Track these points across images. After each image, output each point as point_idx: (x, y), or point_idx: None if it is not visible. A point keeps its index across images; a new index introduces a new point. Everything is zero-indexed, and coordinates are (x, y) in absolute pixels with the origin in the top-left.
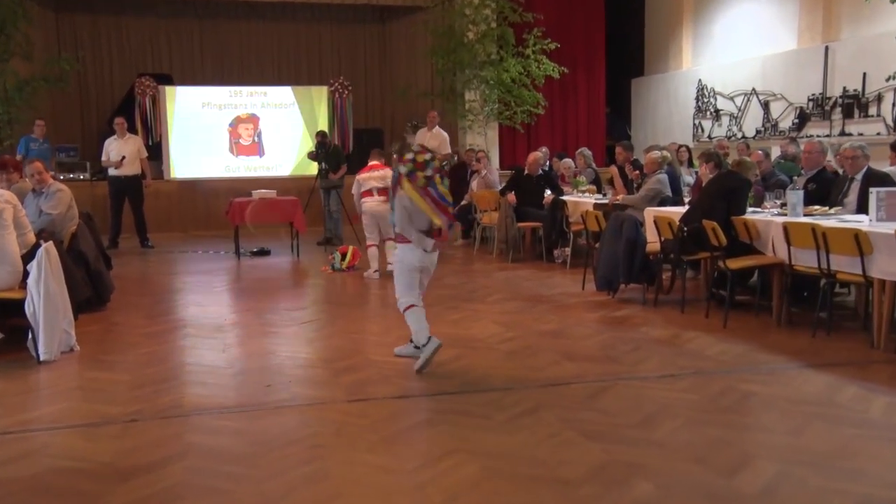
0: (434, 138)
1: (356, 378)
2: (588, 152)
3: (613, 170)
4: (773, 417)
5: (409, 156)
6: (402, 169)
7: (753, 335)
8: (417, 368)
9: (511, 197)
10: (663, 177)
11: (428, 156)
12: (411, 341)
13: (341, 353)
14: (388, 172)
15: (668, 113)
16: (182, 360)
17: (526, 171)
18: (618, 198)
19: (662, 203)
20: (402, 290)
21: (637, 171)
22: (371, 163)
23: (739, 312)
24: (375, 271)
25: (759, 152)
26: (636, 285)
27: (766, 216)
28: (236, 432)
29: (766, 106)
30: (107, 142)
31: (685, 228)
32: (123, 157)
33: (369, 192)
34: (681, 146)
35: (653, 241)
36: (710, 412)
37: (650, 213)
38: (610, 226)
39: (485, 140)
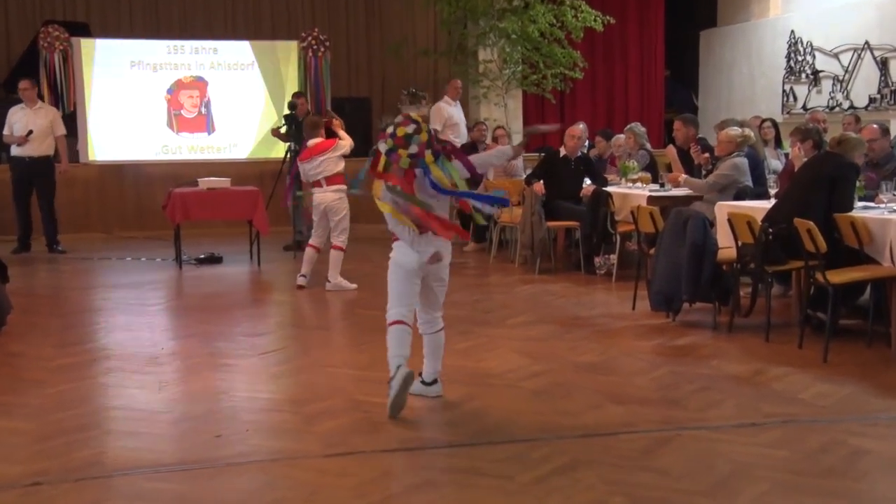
0: (460, 115)
1: (335, 425)
2: (640, 129)
3: (670, 151)
4: (894, 484)
5: (390, 129)
6: (382, 146)
7: (865, 372)
8: (389, 410)
9: (539, 186)
10: (741, 161)
11: (411, 127)
12: (420, 376)
13: (316, 392)
14: (341, 145)
15: (748, 76)
16: (104, 403)
17: (562, 153)
18: (679, 178)
19: (740, 195)
20: (391, 300)
21: (706, 154)
22: (310, 143)
23: (845, 341)
24: (303, 276)
25: (874, 126)
26: (704, 304)
27: (881, 213)
28: (177, 498)
29: (883, 64)
30: (11, 111)
31: (770, 229)
32: (30, 132)
33: (318, 183)
34: (764, 121)
35: (727, 245)
36: (807, 475)
37: (723, 208)
38: (669, 225)
39: (504, 113)
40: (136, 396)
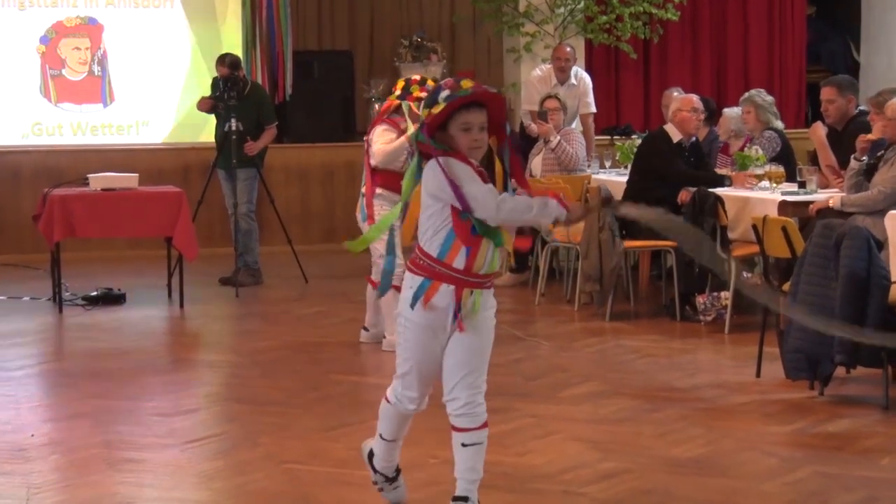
0: (569, 92)
1: None
2: (765, 98)
3: (817, 133)
4: None
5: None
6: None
7: None
8: None
9: (685, 194)
10: None
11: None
12: None
13: (269, 500)
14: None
15: None
16: None
17: (674, 136)
18: (828, 201)
19: None
20: (399, 363)
21: (866, 140)
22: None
23: None
24: (364, 328)
25: None
26: (869, 370)
27: None
28: None
29: None
30: None
31: None
32: None
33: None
34: None
35: None
36: None
37: None
38: (814, 247)
39: None
40: None
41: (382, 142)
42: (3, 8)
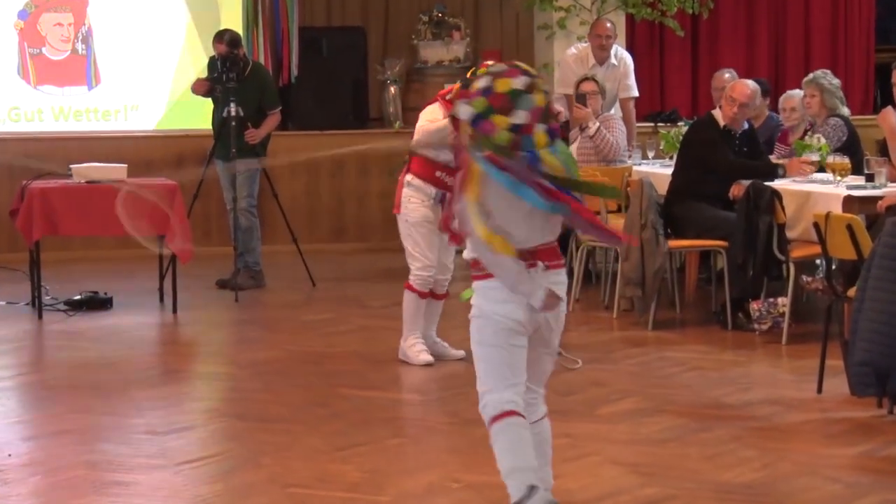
0: (608, 74)
1: None
2: (831, 81)
3: (887, 120)
4: None
5: (482, 83)
6: (464, 113)
7: None
8: None
9: (739, 188)
10: None
11: (520, 80)
12: None
13: None
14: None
15: None
16: None
17: (721, 122)
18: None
19: None
20: (487, 380)
21: None
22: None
23: None
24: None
25: None
26: None
27: None
28: None
29: None
30: None
31: None
32: None
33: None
34: None
35: None
36: None
37: None
38: (883, 248)
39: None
40: None
41: (428, 119)
42: None
